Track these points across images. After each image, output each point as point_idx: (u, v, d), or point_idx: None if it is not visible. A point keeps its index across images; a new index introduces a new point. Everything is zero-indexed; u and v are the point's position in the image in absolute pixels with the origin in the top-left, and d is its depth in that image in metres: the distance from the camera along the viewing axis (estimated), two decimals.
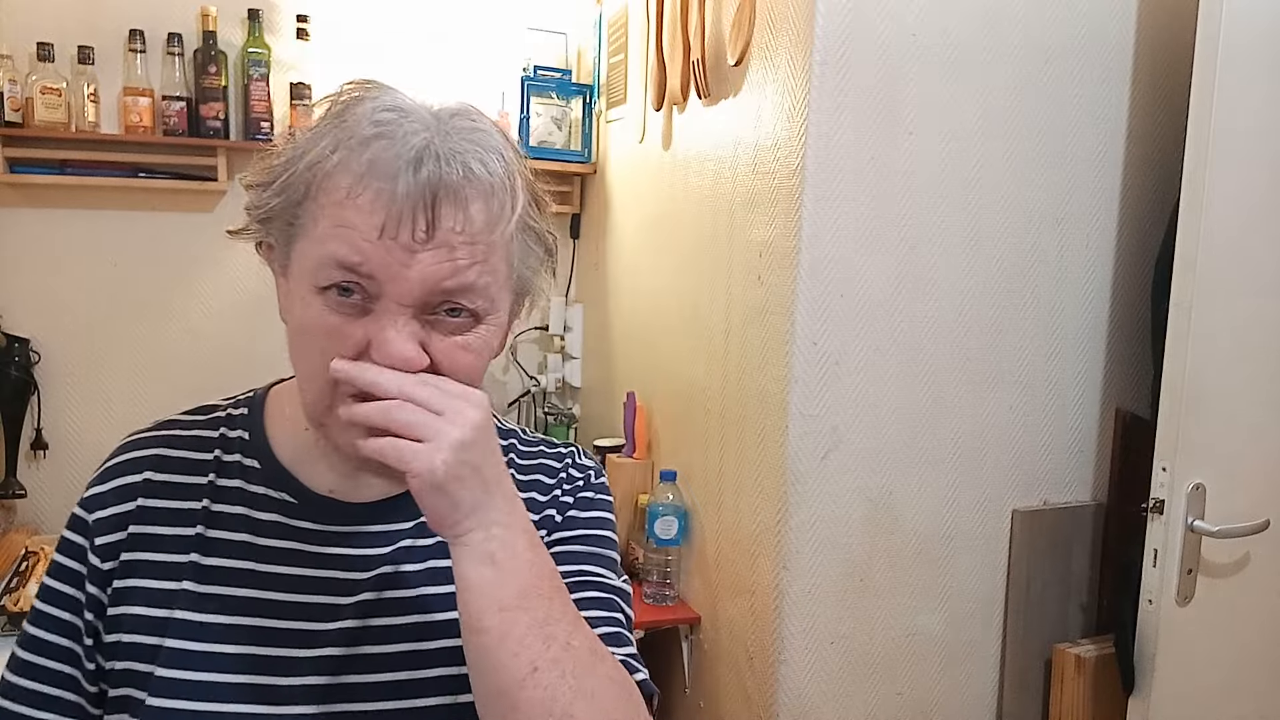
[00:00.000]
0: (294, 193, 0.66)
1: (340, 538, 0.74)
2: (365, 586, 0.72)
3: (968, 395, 1.56)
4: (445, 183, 0.63)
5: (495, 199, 0.65)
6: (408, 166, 0.62)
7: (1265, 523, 1.50)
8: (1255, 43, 1.40)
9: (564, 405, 2.53)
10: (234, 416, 0.79)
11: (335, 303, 0.64)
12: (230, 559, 0.72)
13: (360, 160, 0.63)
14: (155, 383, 2.13)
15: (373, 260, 0.63)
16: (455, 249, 0.64)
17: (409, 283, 0.63)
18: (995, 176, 1.53)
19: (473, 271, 0.65)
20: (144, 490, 0.74)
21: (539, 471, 0.82)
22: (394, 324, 0.63)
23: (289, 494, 0.74)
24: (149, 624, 0.70)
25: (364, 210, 0.63)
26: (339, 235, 0.63)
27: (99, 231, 2.08)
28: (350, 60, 2.20)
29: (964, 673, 1.62)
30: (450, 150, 0.64)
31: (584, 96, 2.37)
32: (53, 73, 1.93)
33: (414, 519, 0.75)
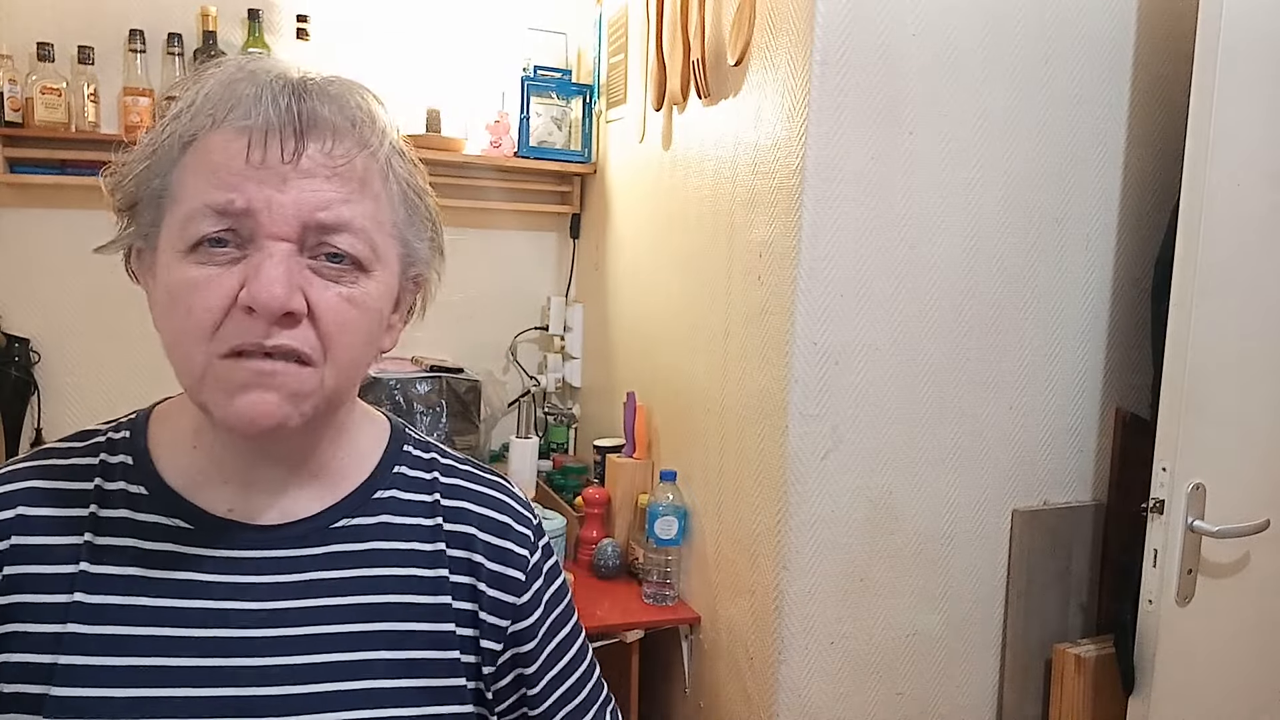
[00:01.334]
0: (163, 164, 0.64)
1: (243, 564, 0.68)
2: (274, 619, 0.67)
3: (968, 395, 1.56)
4: (311, 110, 0.63)
5: (361, 134, 0.65)
6: (272, 97, 0.62)
7: (1265, 523, 1.50)
8: (1255, 43, 1.40)
9: (564, 405, 2.53)
10: (115, 441, 0.73)
11: (205, 256, 0.62)
12: (118, 595, 0.66)
13: (224, 104, 0.62)
14: (155, 383, 2.11)
15: (243, 190, 0.61)
16: (329, 178, 0.63)
17: (284, 210, 0.61)
18: (995, 176, 1.53)
19: (347, 207, 0.63)
20: (18, 527, 0.67)
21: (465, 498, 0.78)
22: (270, 257, 0.61)
23: (183, 519, 0.68)
24: (32, 671, 0.64)
25: (229, 146, 0.62)
26: (207, 180, 0.62)
27: (99, 231, 2.07)
28: (350, 60, 2.20)
29: (964, 673, 1.62)
30: (316, 85, 0.64)
31: (584, 96, 2.37)
32: (53, 73, 1.93)
33: (323, 545, 0.71)
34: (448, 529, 0.75)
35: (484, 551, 0.75)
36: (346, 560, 0.71)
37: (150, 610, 0.66)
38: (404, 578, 0.72)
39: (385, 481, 0.75)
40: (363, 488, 0.74)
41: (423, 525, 0.75)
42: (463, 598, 0.74)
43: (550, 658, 0.78)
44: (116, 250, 0.70)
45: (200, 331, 0.62)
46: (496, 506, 0.78)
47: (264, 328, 0.61)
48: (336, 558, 0.71)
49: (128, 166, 0.66)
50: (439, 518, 0.75)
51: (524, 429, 2.22)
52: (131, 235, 0.68)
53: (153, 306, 0.67)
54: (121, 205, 0.67)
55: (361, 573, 0.71)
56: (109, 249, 0.70)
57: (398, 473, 0.76)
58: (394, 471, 0.76)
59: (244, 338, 0.61)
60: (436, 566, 0.74)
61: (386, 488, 0.75)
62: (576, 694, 0.80)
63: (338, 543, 0.71)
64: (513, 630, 0.76)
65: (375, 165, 0.65)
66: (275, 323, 0.61)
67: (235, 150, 0.61)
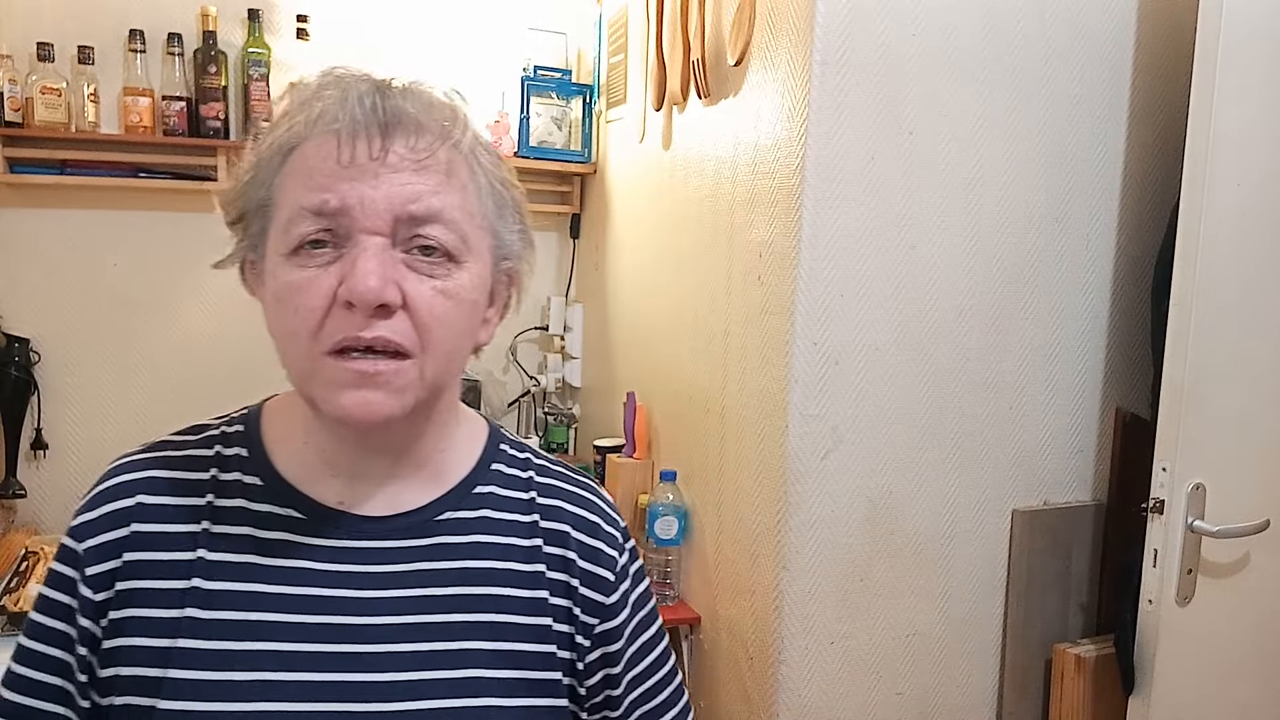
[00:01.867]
0: (265, 175, 0.68)
1: (353, 554, 0.71)
2: (381, 607, 0.70)
3: (968, 395, 1.56)
4: (395, 107, 0.65)
5: (443, 128, 0.67)
6: (356, 101, 0.65)
7: (1265, 523, 1.50)
8: (1255, 43, 1.40)
9: (564, 405, 2.53)
10: (229, 434, 0.76)
11: (305, 258, 0.65)
12: (235, 582, 0.69)
13: (312, 114, 0.65)
14: (155, 383, 2.13)
15: (337, 190, 0.64)
16: (417, 171, 0.65)
17: (375, 204, 0.64)
18: (995, 176, 1.53)
19: (436, 198, 0.65)
20: (137, 515, 0.70)
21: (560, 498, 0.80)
22: (365, 252, 0.63)
23: (296, 509, 0.71)
24: (150, 655, 0.66)
25: (321, 150, 0.65)
26: (303, 184, 0.65)
27: (99, 231, 2.08)
28: (350, 60, 2.19)
29: (964, 673, 1.62)
30: (398, 87, 0.67)
31: (584, 96, 2.37)
32: (53, 73, 1.93)
33: (429, 537, 0.73)
34: (544, 526, 0.78)
35: (577, 549, 0.78)
36: (450, 552, 0.73)
37: (266, 596, 0.69)
38: (503, 571, 0.74)
39: (485, 477, 0.78)
40: (464, 482, 0.76)
41: (520, 521, 0.77)
42: (558, 594, 0.76)
43: (633, 659, 0.80)
44: (232, 264, 0.73)
45: (306, 330, 0.65)
46: (588, 507, 0.81)
47: (362, 321, 0.63)
48: (441, 549, 0.73)
49: (235, 182, 0.70)
50: (535, 515, 0.78)
51: (524, 429, 2.22)
52: (244, 248, 0.71)
53: (265, 312, 0.70)
54: (232, 219, 0.71)
55: (464, 564, 0.73)
56: (225, 263, 0.73)
57: (495, 469, 0.79)
58: (492, 468, 0.79)
59: (345, 332, 0.64)
60: (533, 562, 0.76)
61: (486, 483, 0.78)
62: (655, 696, 0.82)
63: (442, 535, 0.74)
64: (600, 629, 0.78)
65: (459, 157, 0.68)
66: (372, 315, 0.64)
67: (326, 153, 0.64)
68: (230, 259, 0.73)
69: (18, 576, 1.70)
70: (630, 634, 0.80)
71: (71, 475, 2.10)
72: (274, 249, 0.67)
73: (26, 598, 1.61)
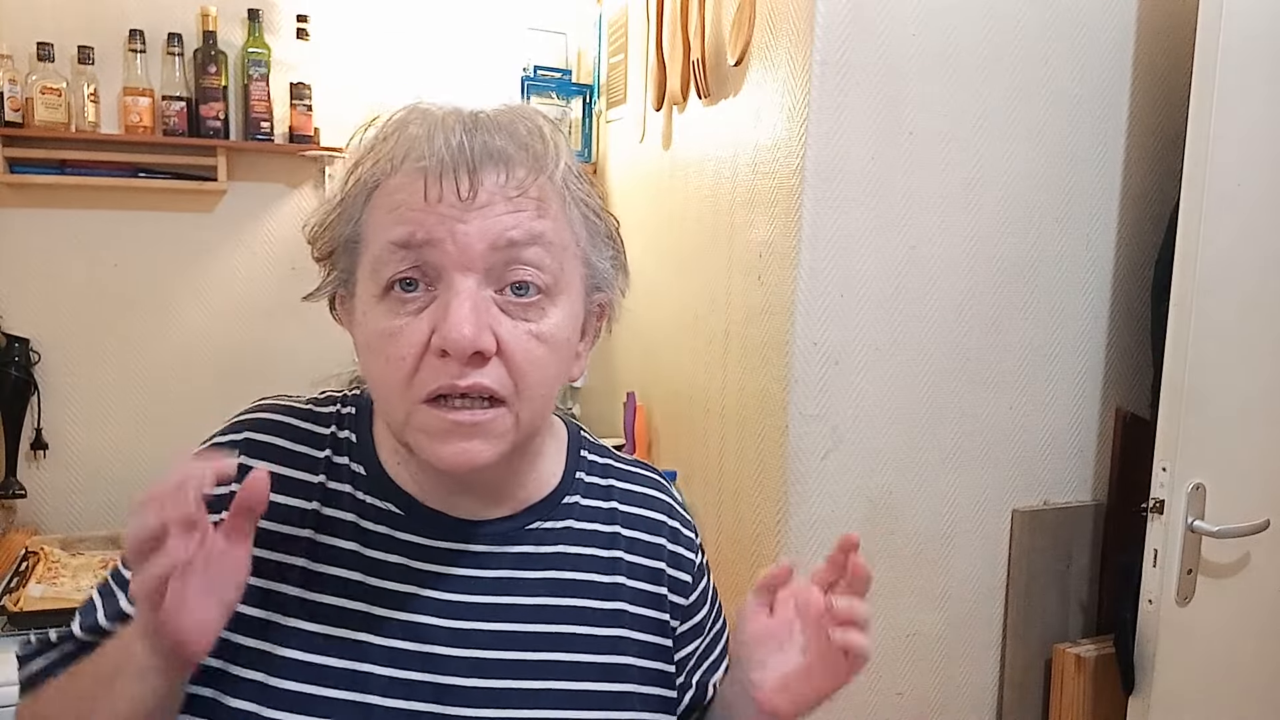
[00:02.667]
0: (351, 211, 0.67)
1: (445, 555, 0.71)
2: (468, 612, 0.70)
3: (968, 395, 1.56)
4: (483, 143, 0.63)
5: (534, 157, 0.64)
6: (441, 132, 0.63)
7: (1265, 523, 1.50)
8: (1255, 43, 1.40)
9: (564, 405, 2.53)
10: (343, 415, 0.75)
11: (398, 302, 0.63)
12: (340, 568, 0.69)
13: (400, 148, 0.64)
14: (155, 383, 2.13)
15: (425, 225, 0.62)
16: (508, 204, 0.63)
17: (468, 238, 0.62)
18: (995, 176, 1.53)
19: (535, 223, 0.63)
20: None
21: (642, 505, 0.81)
22: (457, 296, 0.62)
23: (395, 505, 0.71)
24: (245, 623, 0.66)
25: (408, 186, 0.63)
26: (389, 219, 0.63)
27: (99, 231, 2.08)
28: (350, 60, 2.20)
29: (964, 673, 1.62)
30: (485, 118, 0.65)
31: (584, 96, 2.37)
32: (53, 73, 1.93)
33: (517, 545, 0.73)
34: (626, 535, 0.78)
35: (660, 556, 0.79)
36: (535, 561, 0.74)
37: (366, 588, 0.69)
38: (584, 582, 0.75)
39: (571, 487, 0.78)
40: (554, 493, 0.77)
41: (600, 532, 0.77)
42: (640, 603, 0.76)
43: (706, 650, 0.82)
44: (322, 298, 0.72)
45: (399, 379, 0.63)
46: (668, 511, 0.82)
47: (457, 369, 0.62)
48: (527, 558, 0.73)
49: (323, 217, 0.69)
50: (616, 525, 0.78)
51: None
52: (333, 282, 0.70)
53: (356, 349, 0.69)
54: (321, 255, 0.70)
55: (547, 575, 0.74)
56: (315, 297, 0.72)
57: (579, 478, 0.79)
58: (577, 477, 0.79)
59: (439, 381, 0.62)
60: (614, 573, 0.76)
61: (573, 494, 0.78)
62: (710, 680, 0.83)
63: (529, 544, 0.74)
64: (681, 631, 0.79)
65: (552, 188, 0.65)
66: (467, 363, 0.62)
67: (414, 190, 0.63)
68: (320, 293, 0.71)
69: (18, 576, 1.70)
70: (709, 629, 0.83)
71: (71, 475, 2.10)
72: (364, 290, 0.66)
73: (26, 598, 1.61)
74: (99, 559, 1.82)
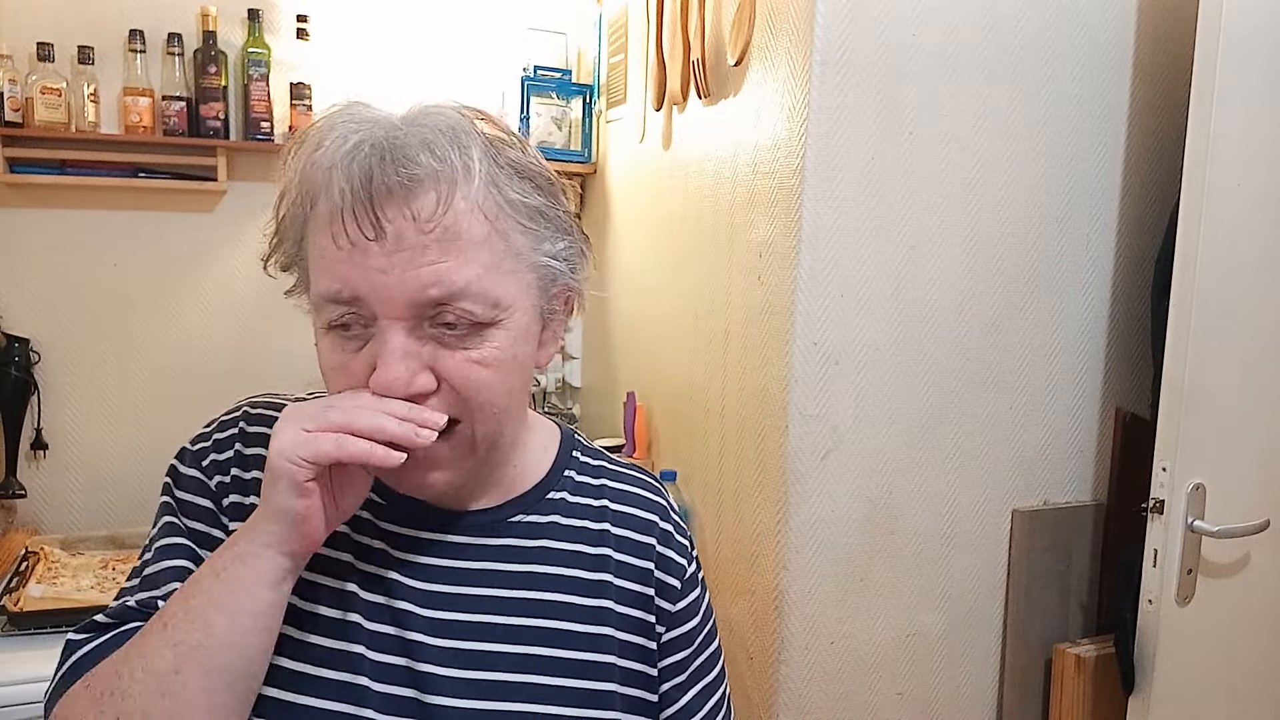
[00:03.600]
0: (293, 232, 0.67)
1: (427, 545, 0.72)
2: (448, 603, 0.70)
3: (968, 395, 1.56)
4: (382, 180, 0.60)
5: (443, 180, 0.61)
6: (339, 169, 0.61)
7: (1265, 523, 1.50)
8: (1255, 43, 1.40)
9: (564, 405, 2.53)
10: None
11: (340, 340, 0.64)
12: (333, 549, 0.70)
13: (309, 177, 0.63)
14: (155, 383, 2.13)
15: (347, 279, 0.61)
16: (426, 248, 0.60)
17: (389, 292, 0.61)
18: (995, 176, 1.53)
19: (457, 272, 0.61)
20: (257, 465, 0.71)
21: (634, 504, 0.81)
22: (387, 345, 0.62)
23: (377, 494, 0.73)
24: None
25: (324, 231, 0.62)
26: (317, 269, 0.64)
27: (99, 231, 2.08)
28: (350, 60, 2.20)
29: (964, 673, 1.62)
30: (389, 142, 0.61)
31: (584, 96, 2.37)
32: (53, 73, 1.93)
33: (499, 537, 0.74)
34: (615, 533, 0.78)
35: (648, 556, 0.78)
36: (518, 555, 0.74)
37: (354, 569, 0.70)
38: (569, 578, 0.74)
39: (557, 484, 0.78)
40: (537, 487, 0.77)
41: (589, 529, 0.77)
42: (626, 602, 0.76)
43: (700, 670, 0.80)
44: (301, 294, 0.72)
45: None
46: (661, 514, 0.81)
47: None
48: (510, 551, 0.74)
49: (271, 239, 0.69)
50: (606, 523, 0.78)
51: None
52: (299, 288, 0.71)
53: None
54: (282, 268, 0.70)
55: (530, 568, 0.74)
56: (295, 293, 0.72)
57: (568, 476, 0.79)
58: (565, 475, 0.79)
59: None
60: (601, 571, 0.76)
61: (559, 490, 0.78)
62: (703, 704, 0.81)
63: (512, 537, 0.74)
64: (667, 639, 0.78)
65: (471, 207, 0.62)
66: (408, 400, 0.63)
67: (327, 236, 0.62)
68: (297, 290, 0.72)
69: (18, 576, 1.70)
70: (698, 643, 0.80)
71: (71, 475, 2.10)
72: (314, 319, 0.67)
73: (27, 598, 1.61)
74: (99, 559, 1.82)
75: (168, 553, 0.71)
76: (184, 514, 0.72)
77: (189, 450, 0.74)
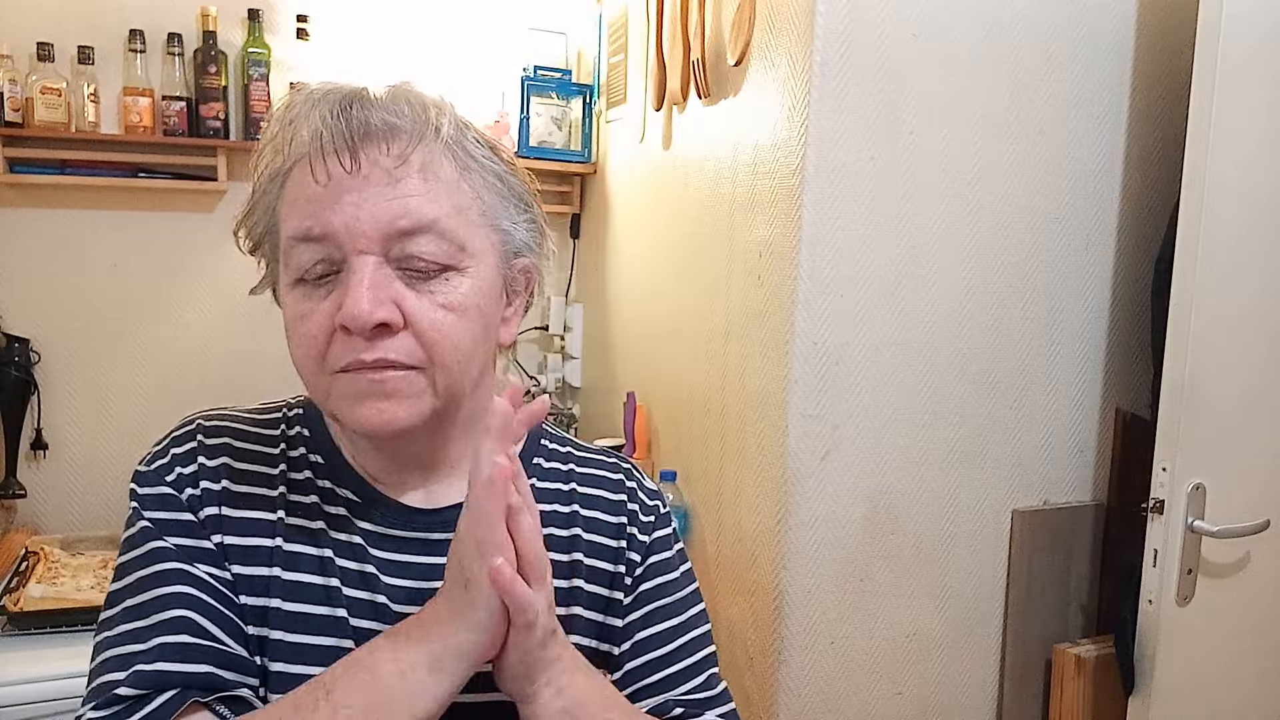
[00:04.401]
0: (267, 203, 0.68)
1: (400, 542, 0.73)
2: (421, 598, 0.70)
3: (968, 395, 1.56)
4: (361, 119, 0.64)
5: (415, 124, 0.65)
6: (321, 117, 0.64)
7: (1265, 523, 1.50)
8: (1255, 43, 1.40)
9: (564, 405, 2.53)
10: (290, 416, 0.78)
11: (310, 286, 0.66)
12: (308, 546, 0.71)
13: (287, 135, 0.65)
14: (155, 383, 2.13)
15: (320, 217, 0.63)
16: (399, 181, 0.64)
17: (360, 224, 0.63)
18: (995, 176, 1.53)
19: (428, 205, 0.64)
20: (226, 474, 0.72)
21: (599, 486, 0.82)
22: (354, 274, 0.63)
23: (351, 491, 0.74)
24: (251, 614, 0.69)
25: (302, 176, 0.65)
26: (293, 212, 0.65)
27: (99, 231, 2.08)
28: (350, 60, 2.20)
29: (964, 673, 1.62)
30: (363, 95, 0.66)
31: (584, 96, 2.37)
32: (53, 73, 1.93)
33: None
34: (584, 514, 0.79)
35: (619, 534, 0.80)
36: None
37: (336, 566, 0.71)
38: None
39: (526, 472, 0.78)
40: None
41: (559, 512, 0.79)
42: (595, 580, 0.78)
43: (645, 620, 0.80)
44: (265, 290, 0.73)
45: (312, 358, 0.66)
46: (629, 495, 0.83)
47: (363, 344, 0.64)
48: None
49: (242, 213, 0.70)
50: (575, 505, 0.80)
51: None
52: (266, 274, 0.72)
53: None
54: (251, 250, 0.72)
55: None
56: (259, 289, 0.74)
57: (536, 464, 0.80)
58: (533, 463, 0.80)
59: (347, 357, 0.65)
60: (572, 551, 0.78)
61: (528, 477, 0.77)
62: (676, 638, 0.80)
63: None
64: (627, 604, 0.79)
65: (441, 151, 0.66)
66: (371, 337, 0.64)
67: (304, 178, 0.65)
68: (261, 286, 0.74)
69: (18, 576, 1.70)
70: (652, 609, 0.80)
71: (71, 475, 2.10)
72: (283, 277, 0.68)
73: (27, 598, 1.61)
74: (99, 559, 1.81)
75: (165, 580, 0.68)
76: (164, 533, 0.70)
77: (146, 472, 0.72)
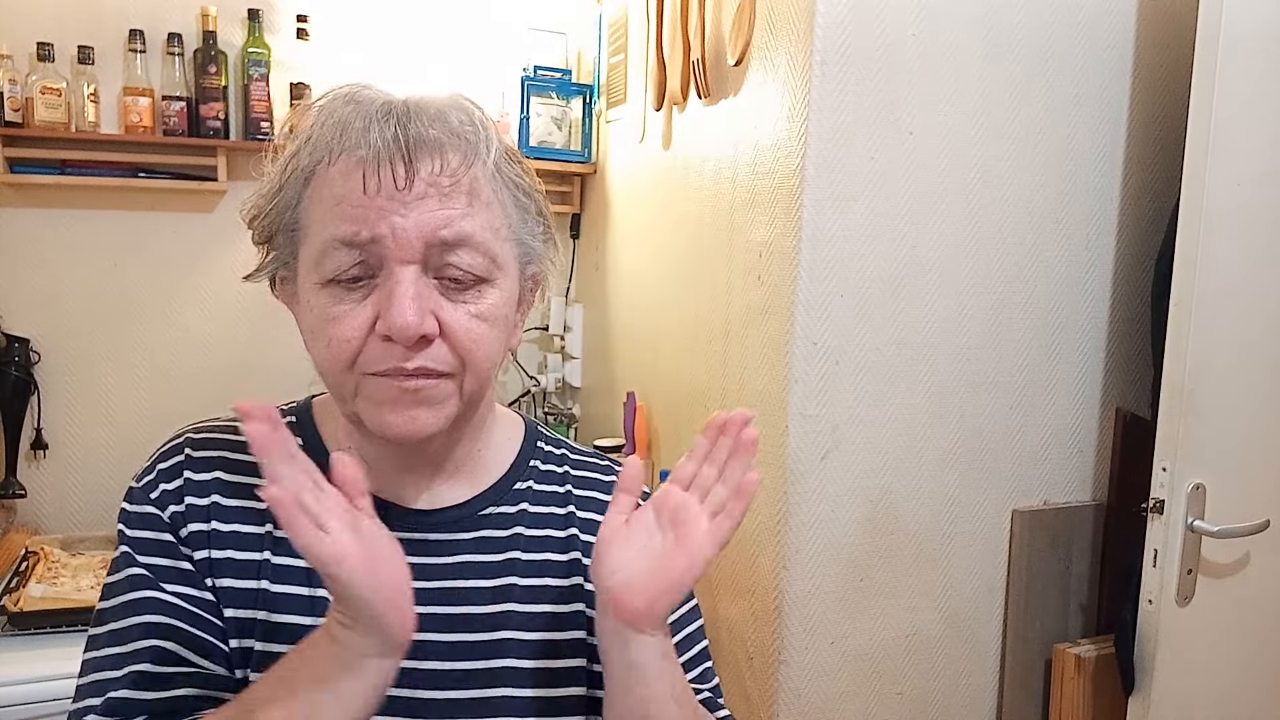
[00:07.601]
0: (289, 196, 0.68)
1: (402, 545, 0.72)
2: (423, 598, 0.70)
3: (968, 395, 1.56)
4: (418, 133, 0.65)
5: (467, 143, 0.66)
6: (376, 123, 0.65)
7: (1265, 523, 1.50)
8: (1255, 43, 1.40)
9: (564, 405, 2.53)
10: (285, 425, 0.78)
11: (343, 289, 0.65)
12: (297, 559, 0.70)
13: (336, 137, 0.65)
14: (155, 383, 2.13)
15: (367, 221, 0.64)
16: (445, 196, 0.65)
17: (406, 234, 0.64)
18: (995, 176, 1.53)
19: (467, 221, 0.66)
20: (215, 488, 0.72)
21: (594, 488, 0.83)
22: (400, 284, 0.64)
23: None
24: (235, 626, 0.69)
25: (346, 177, 0.65)
26: (331, 213, 0.65)
27: (99, 231, 2.08)
28: (350, 60, 2.20)
29: (964, 673, 1.62)
30: (417, 107, 0.67)
31: (584, 96, 2.37)
32: (53, 73, 1.93)
33: (474, 531, 0.75)
34: (581, 516, 0.80)
35: None
36: (493, 545, 0.76)
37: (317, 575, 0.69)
38: (540, 563, 0.77)
39: (523, 474, 0.80)
40: (504, 478, 0.79)
41: (556, 514, 0.80)
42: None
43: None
44: (262, 278, 0.73)
45: (344, 360, 0.66)
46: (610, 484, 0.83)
47: (402, 352, 0.65)
48: (485, 543, 0.75)
49: (260, 201, 0.70)
50: (571, 506, 0.80)
51: None
52: (273, 264, 0.71)
53: (301, 330, 0.71)
54: (260, 239, 0.71)
55: (505, 557, 0.76)
56: (255, 277, 0.73)
57: (533, 466, 0.81)
58: (530, 465, 0.81)
59: (385, 364, 0.65)
60: (569, 551, 0.78)
61: (525, 479, 0.80)
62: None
63: (485, 529, 0.76)
64: None
65: (484, 174, 0.67)
66: (412, 346, 0.64)
67: (353, 182, 0.64)
68: (260, 274, 0.73)
69: (18, 576, 1.70)
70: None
71: (71, 475, 2.10)
72: (307, 276, 0.68)
73: (26, 598, 1.61)
74: (99, 559, 1.81)
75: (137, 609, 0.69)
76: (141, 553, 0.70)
77: (135, 489, 0.73)
